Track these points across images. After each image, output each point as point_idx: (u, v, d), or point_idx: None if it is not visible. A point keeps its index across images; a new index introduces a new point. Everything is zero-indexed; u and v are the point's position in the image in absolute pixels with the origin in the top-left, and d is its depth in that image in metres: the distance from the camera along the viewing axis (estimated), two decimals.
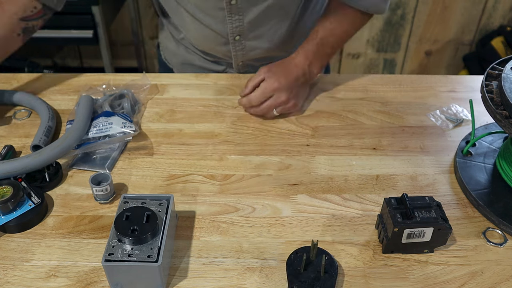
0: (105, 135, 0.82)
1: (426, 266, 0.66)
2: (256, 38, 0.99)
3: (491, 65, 0.77)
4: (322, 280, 0.60)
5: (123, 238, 0.60)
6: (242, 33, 0.97)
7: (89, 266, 0.65)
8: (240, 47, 0.99)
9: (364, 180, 0.79)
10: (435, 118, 0.93)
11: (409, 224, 0.64)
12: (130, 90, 0.95)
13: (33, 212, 0.70)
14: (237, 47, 0.99)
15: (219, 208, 0.74)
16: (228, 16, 0.93)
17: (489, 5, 2.23)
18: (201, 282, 0.64)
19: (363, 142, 0.87)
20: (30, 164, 0.74)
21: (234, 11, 0.93)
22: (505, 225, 0.70)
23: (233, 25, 0.95)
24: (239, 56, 1.02)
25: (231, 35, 0.97)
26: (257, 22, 0.96)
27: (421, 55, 2.40)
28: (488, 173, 0.78)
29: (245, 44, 0.99)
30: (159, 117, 0.92)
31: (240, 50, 1.00)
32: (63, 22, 1.94)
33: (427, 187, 0.78)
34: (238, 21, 0.94)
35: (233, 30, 0.96)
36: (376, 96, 0.98)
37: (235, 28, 0.95)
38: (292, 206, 0.74)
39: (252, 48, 1.01)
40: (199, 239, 0.69)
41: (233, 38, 0.97)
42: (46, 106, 0.90)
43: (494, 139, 0.85)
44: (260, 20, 0.96)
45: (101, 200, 0.74)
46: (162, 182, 0.79)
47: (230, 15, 0.93)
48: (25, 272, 0.65)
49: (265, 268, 0.65)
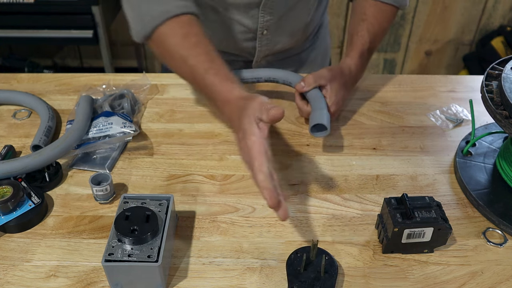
0: (105, 135, 0.82)
1: (426, 266, 0.66)
2: (281, 31, 0.99)
3: (491, 65, 0.77)
4: (322, 280, 0.60)
5: (123, 238, 0.60)
6: (269, 27, 0.96)
7: (89, 266, 0.65)
8: (265, 42, 0.99)
9: (364, 180, 0.79)
10: (435, 118, 0.93)
11: (409, 224, 0.64)
12: (130, 90, 0.95)
13: (33, 212, 0.70)
14: (262, 42, 0.99)
15: (219, 208, 0.74)
16: (262, 11, 0.92)
17: (489, 5, 2.23)
18: (201, 282, 0.64)
19: (363, 142, 0.87)
20: (30, 164, 0.74)
21: (268, 5, 0.92)
22: (505, 225, 0.70)
23: (263, 19, 0.94)
24: (263, 51, 1.01)
25: (259, 30, 0.96)
26: (284, 16, 0.96)
27: (421, 55, 2.40)
28: (488, 173, 0.78)
29: (271, 39, 0.99)
30: (159, 117, 0.92)
31: (265, 45, 0.99)
32: (63, 22, 1.94)
33: (427, 187, 0.78)
34: (269, 14, 0.94)
35: (262, 25, 0.95)
36: (376, 96, 0.98)
37: (264, 22, 0.95)
38: (292, 206, 0.74)
39: (276, 42, 1.01)
40: (199, 239, 0.69)
41: (261, 33, 0.97)
42: (46, 106, 0.90)
43: (494, 139, 0.85)
44: (287, 14, 0.96)
45: (101, 200, 0.74)
46: (162, 182, 0.79)
47: (264, 9, 0.92)
48: (25, 272, 0.65)
49: (265, 268, 0.65)
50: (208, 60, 0.75)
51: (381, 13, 0.93)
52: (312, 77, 0.86)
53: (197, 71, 0.75)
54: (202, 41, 0.77)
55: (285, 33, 1.00)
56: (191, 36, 0.77)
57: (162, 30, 0.78)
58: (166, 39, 0.78)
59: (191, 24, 0.79)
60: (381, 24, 0.93)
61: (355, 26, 0.93)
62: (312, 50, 1.12)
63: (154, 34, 0.79)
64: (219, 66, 0.75)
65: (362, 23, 0.92)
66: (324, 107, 0.83)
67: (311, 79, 0.86)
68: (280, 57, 1.06)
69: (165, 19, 0.78)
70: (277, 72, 0.93)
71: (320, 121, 0.80)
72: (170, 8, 0.78)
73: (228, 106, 0.71)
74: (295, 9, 0.96)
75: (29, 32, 1.97)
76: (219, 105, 0.73)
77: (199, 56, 0.75)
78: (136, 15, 0.81)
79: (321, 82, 0.86)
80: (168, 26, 0.78)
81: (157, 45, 0.81)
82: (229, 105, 0.71)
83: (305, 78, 0.87)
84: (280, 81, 0.93)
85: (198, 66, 0.75)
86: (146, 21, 0.79)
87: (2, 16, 1.93)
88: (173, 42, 0.78)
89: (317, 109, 0.83)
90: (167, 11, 0.78)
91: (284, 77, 0.92)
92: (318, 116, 0.81)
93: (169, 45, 0.78)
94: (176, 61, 0.78)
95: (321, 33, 1.13)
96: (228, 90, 0.72)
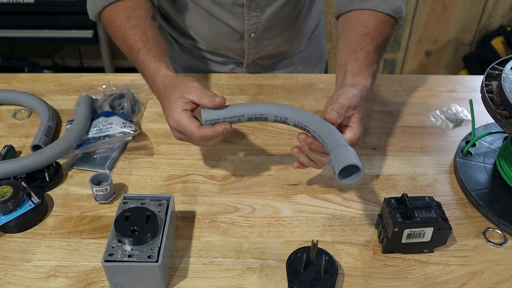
0: (105, 135, 0.82)
1: (426, 266, 0.66)
2: (270, 34, 0.99)
3: (491, 65, 0.76)
4: (322, 280, 0.60)
5: (123, 239, 0.60)
6: (257, 30, 0.96)
7: (89, 266, 0.65)
8: (254, 45, 0.99)
9: (364, 180, 0.79)
10: (435, 118, 0.93)
11: (409, 224, 0.64)
12: (130, 90, 0.95)
13: (33, 212, 0.70)
14: (251, 45, 0.99)
15: (219, 208, 0.74)
16: (247, 12, 0.93)
17: (489, 5, 2.23)
18: (201, 282, 0.64)
19: (363, 142, 0.87)
20: (30, 164, 0.74)
21: (253, 8, 0.92)
22: (505, 225, 0.70)
23: (250, 22, 0.94)
24: (252, 54, 1.01)
25: (247, 32, 0.96)
26: (272, 19, 0.96)
27: (421, 55, 2.40)
28: (488, 173, 0.78)
29: (259, 42, 0.99)
30: (159, 117, 0.92)
31: (253, 48, 1.00)
32: (63, 22, 1.94)
33: (427, 187, 0.78)
34: (255, 17, 0.93)
35: (249, 27, 0.95)
36: (376, 96, 0.98)
37: (251, 25, 0.95)
38: (292, 206, 0.74)
39: (266, 45, 1.01)
40: (199, 239, 0.69)
41: (249, 36, 0.97)
42: (46, 106, 0.90)
43: (494, 139, 0.85)
44: (276, 16, 0.96)
45: (101, 200, 0.74)
46: (162, 182, 0.78)
47: (248, 12, 0.92)
48: (25, 272, 0.65)
49: (265, 268, 0.65)
50: (143, 41, 0.80)
51: (382, 24, 0.83)
52: (339, 106, 0.68)
53: (133, 50, 0.81)
54: (141, 24, 0.83)
55: (274, 36, 1.00)
56: (132, 19, 0.83)
57: (108, 12, 0.86)
58: (110, 21, 0.86)
59: (135, 8, 0.85)
60: (383, 36, 0.83)
61: (357, 40, 0.80)
62: (306, 53, 1.11)
63: (103, 15, 0.88)
64: (151, 47, 0.80)
65: (365, 37, 0.80)
66: (345, 143, 0.63)
67: (342, 109, 0.68)
68: (272, 59, 1.06)
69: (112, 2, 0.85)
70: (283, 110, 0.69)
71: (351, 161, 0.59)
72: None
73: (154, 83, 0.78)
74: (283, 11, 0.95)
75: (29, 32, 1.97)
76: (149, 82, 0.80)
77: (135, 35, 0.81)
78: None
79: (348, 113, 0.69)
80: (113, 8, 0.86)
81: (106, 25, 0.88)
82: (155, 82, 0.77)
83: (334, 107, 0.68)
84: (290, 123, 0.69)
85: (134, 46, 0.81)
86: (97, 1, 0.87)
87: (2, 16, 1.93)
88: (116, 23, 0.84)
89: (338, 147, 0.62)
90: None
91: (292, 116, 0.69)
92: (344, 155, 0.60)
93: (113, 26, 0.85)
94: (119, 40, 0.85)
95: (315, 36, 1.11)
96: (155, 69, 0.78)
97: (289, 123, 0.68)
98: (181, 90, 0.71)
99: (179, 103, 0.70)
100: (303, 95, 0.98)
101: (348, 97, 0.69)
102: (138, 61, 0.80)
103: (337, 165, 0.59)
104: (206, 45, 1.02)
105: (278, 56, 1.06)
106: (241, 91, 0.99)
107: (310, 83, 1.02)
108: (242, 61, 1.04)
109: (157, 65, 0.77)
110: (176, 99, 0.70)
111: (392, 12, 0.83)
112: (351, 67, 0.76)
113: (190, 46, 1.05)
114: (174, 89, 0.72)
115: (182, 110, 0.70)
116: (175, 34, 1.06)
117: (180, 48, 1.07)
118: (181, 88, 0.71)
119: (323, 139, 0.64)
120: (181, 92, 0.71)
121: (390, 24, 0.84)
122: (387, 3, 0.82)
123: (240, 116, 0.68)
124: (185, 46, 1.06)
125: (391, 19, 0.84)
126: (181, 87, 0.72)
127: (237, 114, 0.68)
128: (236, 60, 1.04)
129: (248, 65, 1.04)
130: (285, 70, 1.09)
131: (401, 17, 0.85)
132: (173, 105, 0.70)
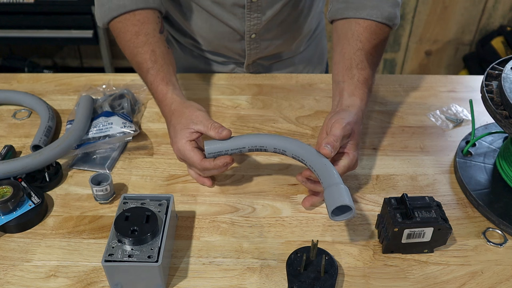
0: (105, 135, 0.82)
1: (426, 266, 0.66)
2: (270, 35, 0.99)
3: (491, 65, 0.76)
4: (322, 280, 0.60)
5: (123, 239, 0.60)
6: (258, 31, 0.96)
7: (89, 266, 0.65)
8: (254, 45, 0.99)
9: (364, 180, 0.79)
10: (435, 118, 0.93)
11: (409, 224, 0.64)
12: (130, 90, 0.95)
13: (33, 212, 0.70)
14: (251, 45, 0.99)
15: (219, 208, 0.74)
16: (248, 13, 0.93)
17: (489, 5, 2.23)
18: (201, 282, 0.64)
19: (363, 142, 0.87)
20: (30, 164, 0.74)
21: (254, 9, 0.92)
22: (505, 225, 0.70)
23: (251, 23, 0.94)
24: (252, 54, 1.01)
25: (247, 33, 0.96)
26: (273, 20, 0.96)
27: (421, 55, 2.40)
28: (488, 173, 0.78)
29: (260, 42, 0.99)
30: (159, 117, 0.92)
31: (254, 48, 1.00)
32: (63, 22, 1.94)
33: (427, 187, 0.78)
34: (256, 19, 0.93)
35: (250, 28, 0.95)
36: (376, 96, 0.98)
37: (252, 26, 0.95)
38: (292, 206, 0.74)
39: (266, 45, 1.01)
40: (199, 239, 0.69)
41: (249, 36, 0.97)
42: (46, 106, 0.90)
43: (494, 139, 0.85)
44: (276, 17, 0.96)
45: (101, 200, 0.74)
46: (162, 182, 0.79)
47: (249, 13, 0.92)
48: (25, 272, 0.65)
49: (265, 268, 0.65)
50: (152, 60, 0.81)
51: (376, 36, 0.82)
52: (333, 139, 0.68)
53: (142, 69, 0.82)
54: (150, 41, 0.82)
55: (274, 37, 1.00)
56: (141, 35, 0.82)
57: (117, 24, 0.84)
58: (119, 34, 0.85)
59: (144, 22, 0.83)
60: (378, 48, 0.82)
61: (352, 55, 0.79)
62: (307, 53, 1.11)
63: (111, 25, 0.86)
64: (160, 67, 0.80)
65: (360, 52, 0.79)
66: (340, 180, 0.64)
67: (336, 141, 0.68)
68: (273, 60, 1.06)
69: (121, 13, 0.83)
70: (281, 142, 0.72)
71: (343, 202, 0.61)
72: (126, 3, 0.83)
73: (162, 105, 0.79)
74: (283, 12, 0.96)
75: (29, 32, 1.97)
76: (157, 102, 0.81)
77: (145, 54, 0.81)
78: (99, 2, 0.86)
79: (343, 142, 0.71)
80: (122, 21, 0.84)
81: (114, 35, 0.87)
82: (162, 105, 0.79)
83: (328, 141, 0.68)
84: (289, 154, 0.71)
85: (143, 64, 0.81)
86: (105, 11, 0.85)
87: (2, 16, 1.94)
88: (126, 38, 0.83)
89: (331, 186, 0.64)
90: (124, 6, 0.83)
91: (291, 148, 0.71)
92: (337, 195, 0.62)
93: (121, 40, 0.84)
94: (127, 54, 0.84)
95: (316, 36, 1.11)
96: (162, 91, 0.79)
97: (288, 155, 0.71)
98: (188, 120, 0.73)
99: (184, 133, 0.72)
100: (303, 95, 0.98)
101: (342, 127, 0.69)
102: (147, 81, 0.82)
103: (330, 205, 0.62)
104: (206, 45, 1.02)
105: (278, 56, 1.06)
106: (241, 91, 0.99)
107: (310, 83, 1.02)
108: (243, 61, 1.04)
109: (165, 88, 0.79)
110: (182, 129, 0.73)
111: (386, 20, 0.81)
112: (347, 86, 0.77)
113: (191, 46, 1.05)
114: (180, 118, 0.74)
115: (186, 141, 0.72)
116: (176, 34, 1.06)
117: (181, 48, 1.07)
118: (187, 117, 0.73)
119: (318, 175, 0.67)
120: (187, 123, 0.73)
121: (385, 33, 0.83)
122: (380, 10, 0.81)
123: (241, 148, 0.71)
124: (186, 46, 1.06)
125: (385, 27, 0.83)
126: (187, 116, 0.74)
127: (238, 146, 0.71)
128: (237, 60, 1.04)
129: (248, 65, 1.04)
130: (285, 70, 1.09)
131: (395, 24, 0.84)
132: (178, 134, 0.73)
